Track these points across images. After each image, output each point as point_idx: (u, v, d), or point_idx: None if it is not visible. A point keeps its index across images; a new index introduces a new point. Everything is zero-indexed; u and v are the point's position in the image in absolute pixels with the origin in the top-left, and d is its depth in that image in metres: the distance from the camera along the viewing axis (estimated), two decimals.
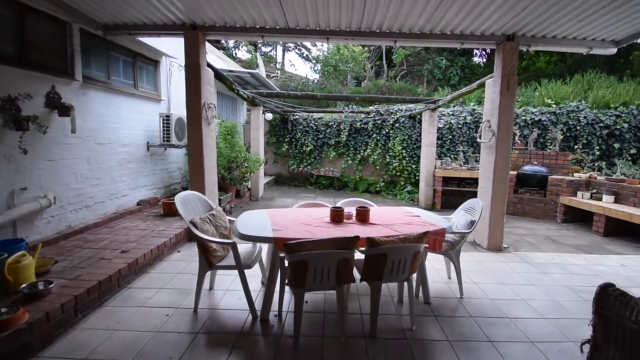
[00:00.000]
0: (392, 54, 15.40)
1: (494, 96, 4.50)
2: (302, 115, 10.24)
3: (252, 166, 6.81)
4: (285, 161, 10.53)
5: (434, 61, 14.46)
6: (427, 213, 3.38)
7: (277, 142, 10.50)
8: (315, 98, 6.97)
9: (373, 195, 9.30)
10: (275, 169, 10.79)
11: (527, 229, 6.03)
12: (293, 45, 24.32)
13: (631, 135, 7.70)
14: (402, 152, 9.02)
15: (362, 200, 4.00)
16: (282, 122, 10.37)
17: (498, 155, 4.48)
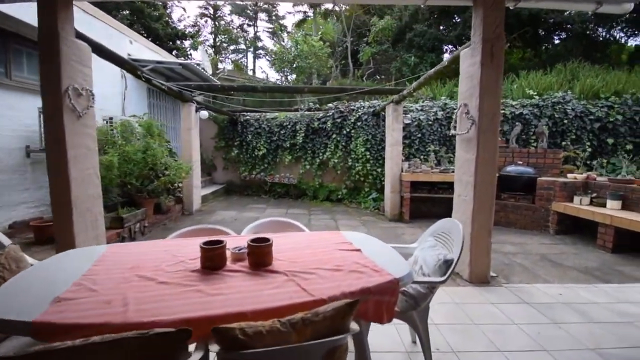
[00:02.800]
0: (358, 52, 14.28)
1: (473, 70, 3.21)
2: (253, 116, 8.80)
3: (175, 174, 5.25)
4: (237, 167, 9.04)
5: (402, 58, 13.41)
6: (374, 244, 1.99)
7: (227, 146, 9.03)
8: (256, 90, 5.63)
9: (334, 204, 7.91)
10: (226, 177, 9.27)
11: (516, 245, 4.79)
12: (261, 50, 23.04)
13: (626, 128, 6.71)
14: (366, 154, 7.70)
15: (287, 221, 2.62)
16: (231, 123, 8.92)
17: (481, 152, 3.17)
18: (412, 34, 14.49)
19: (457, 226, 1.94)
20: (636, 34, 15.48)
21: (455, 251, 1.80)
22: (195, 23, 20.71)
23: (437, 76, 4.38)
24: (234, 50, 24.64)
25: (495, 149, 3.18)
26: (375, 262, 1.56)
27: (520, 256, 4.27)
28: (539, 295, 3.08)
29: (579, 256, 4.32)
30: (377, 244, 1.95)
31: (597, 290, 3.21)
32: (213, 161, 9.26)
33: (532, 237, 5.28)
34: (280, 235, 2.01)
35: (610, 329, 2.50)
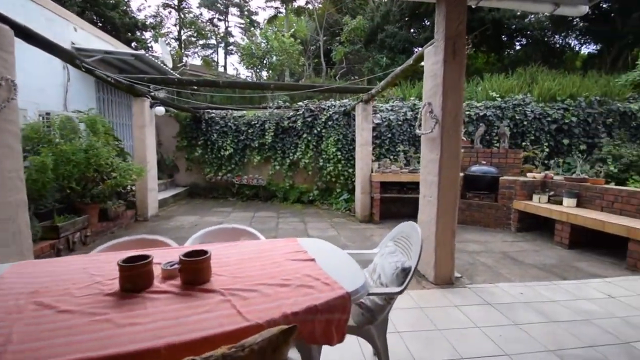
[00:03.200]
0: (331, 51, 14.22)
1: (436, 68, 3.17)
2: (218, 114, 8.43)
3: (122, 177, 4.83)
4: (201, 168, 8.61)
5: (374, 59, 13.50)
6: (330, 252, 1.85)
7: (190, 146, 8.58)
8: (218, 86, 5.32)
9: (305, 206, 7.76)
10: (190, 178, 8.81)
11: (480, 244, 4.85)
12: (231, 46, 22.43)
13: (580, 129, 7.07)
14: (337, 154, 7.61)
15: (239, 228, 2.43)
16: (195, 121, 8.48)
17: (444, 151, 3.13)
18: (383, 34, 14.63)
19: (416, 230, 1.84)
20: (589, 42, 16.52)
21: (414, 257, 1.70)
22: (157, 14, 19.73)
23: (403, 75, 4.34)
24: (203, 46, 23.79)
25: (458, 148, 3.15)
26: (328, 274, 1.42)
27: (484, 255, 4.32)
28: (501, 295, 3.09)
29: (538, 253, 4.44)
30: (333, 252, 1.81)
31: (556, 288, 3.27)
32: (175, 162, 8.74)
33: (495, 234, 5.39)
34: (228, 246, 1.82)
35: (570, 328, 2.52)
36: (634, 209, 4.23)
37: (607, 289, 3.24)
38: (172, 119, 8.60)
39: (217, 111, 8.47)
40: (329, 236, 5.14)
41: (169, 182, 8.46)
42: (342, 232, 5.40)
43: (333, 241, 4.99)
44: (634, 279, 3.50)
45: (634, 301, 2.98)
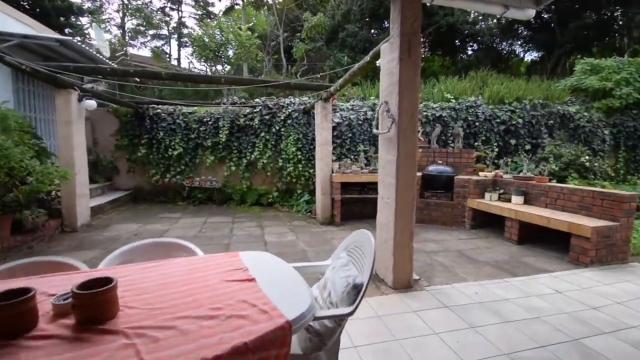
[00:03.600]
0: (291, 48, 13.96)
1: (392, 66, 3.08)
2: (165, 109, 7.80)
3: (40, 181, 4.17)
4: (146, 170, 7.91)
5: (336, 57, 13.46)
6: (275, 268, 1.65)
7: (131, 145, 7.80)
8: (159, 78, 4.82)
9: (264, 209, 7.46)
10: (133, 181, 8.05)
11: (437, 242, 4.91)
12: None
13: (525, 130, 7.49)
14: (297, 154, 7.40)
15: (172, 242, 2.15)
16: (137, 117, 7.74)
17: (401, 152, 3.06)
18: (344, 33, 14.63)
19: (370, 240, 1.70)
20: (532, 49, 17.82)
21: (366, 271, 1.55)
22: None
23: (361, 72, 4.24)
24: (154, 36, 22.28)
25: (415, 148, 3.09)
26: (268, 297, 1.22)
27: (441, 254, 4.35)
28: (458, 296, 3.08)
29: (491, 250, 4.57)
30: (278, 268, 1.61)
31: (508, 286, 3.33)
32: (114, 163, 7.94)
33: (451, 233, 5.50)
34: (153, 266, 1.55)
35: (522, 327, 2.54)
36: (575, 205, 4.50)
37: (554, 284, 3.37)
38: (110, 115, 7.82)
39: (163, 106, 7.83)
40: (287, 241, 4.92)
41: (106, 186, 7.65)
42: (302, 236, 5.21)
43: (291, 246, 4.86)
44: (577, 273, 3.68)
45: (579, 295, 3.11)
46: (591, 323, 2.62)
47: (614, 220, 3.95)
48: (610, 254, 3.93)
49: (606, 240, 3.87)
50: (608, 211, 4.04)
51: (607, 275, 3.61)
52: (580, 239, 3.91)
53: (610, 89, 7.86)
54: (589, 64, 8.56)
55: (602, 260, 3.91)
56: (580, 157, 6.76)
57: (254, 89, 12.22)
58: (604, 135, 7.76)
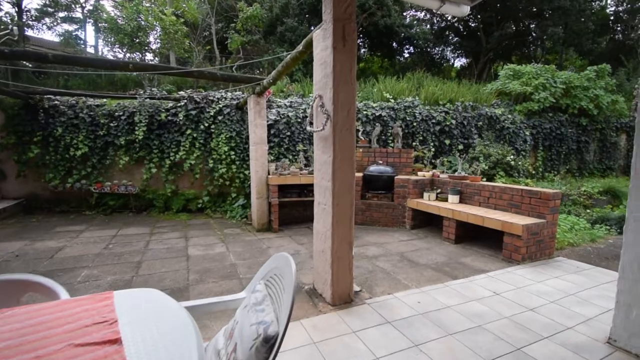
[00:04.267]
0: (225, 39, 13.07)
1: (326, 55, 2.71)
2: (65, 101, 6.56)
3: None
4: (41, 174, 6.57)
5: (275, 52, 12.91)
6: (158, 316, 1.14)
7: (21, 144, 6.42)
8: (46, 61, 3.82)
9: (193, 216, 6.69)
10: (25, 188, 6.62)
11: (379, 246, 4.72)
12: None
13: (458, 131, 7.79)
14: (230, 153, 6.76)
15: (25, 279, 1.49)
16: (28, 110, 6.39)
17: (338, 152, 2.71)
18: (283, 27, 14.13)
19: (290, 266, 1.28)
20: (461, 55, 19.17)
21: (283, 314, 1.13)
22: None
23: (294, 63, 3.83)
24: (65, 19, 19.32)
25: (352, 148, 2.77)
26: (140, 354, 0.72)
27: (383, 259, 4.14)
28: (400, 308, 2.83)
29: (430, 251, 4.49)
30: (165, 315, 1.12)
31: (449, 290, 3.19)
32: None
33: (393, 234, 5.38)
34: None
35: (466, 340, 2.35)
36: (505, 204, 4.62)
37: (492, 285, 3.32)
38: None
39: (63, 98, 6.57)
40: (215, 254, 4.32)
41: None
42: (233, 247, 4.64)
43: (219, 260, 4.25)
44: (511, 271, 3.71)
45: (516, 296, 3.06)
46: (530, 328, 2.53)
47: (541, 218, 4.09)
48: (539, 250, 4.07)
49: (535, 237, 3.99)
50: (535, 209, 4.19)
51: (538, 272, 3.69)
52: (512, 237, 3.98)
53: (530, 93, 8.56)
54: (511, 70, 9.25)
55: (532, 256, 4.02)
56: (506, 156, 7.20)
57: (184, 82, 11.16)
58: (525, 136, 8.42)
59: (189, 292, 3.18)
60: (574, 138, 9.19)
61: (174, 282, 3.44)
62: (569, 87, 8.81)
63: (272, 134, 6.87)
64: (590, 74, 9.16)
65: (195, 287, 3.31)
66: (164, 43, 9.06)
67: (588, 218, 5.86)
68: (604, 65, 9.42)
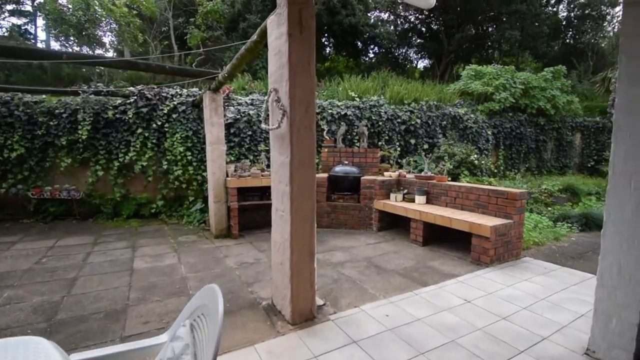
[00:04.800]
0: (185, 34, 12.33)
1: (280, 43, 2.39)
2: None
3: None
4: None
5: (237, 48, 12.35)
6: None
7: None
8: None
9: (146, 222, 6.09)
10: None
11: (345, 250, 4.47)
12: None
13: (423, 131, 7.76)
14: (187, 154, 6.24)
15: None
16: None
17: (295, 152, 2.39)
18: (246, 24, 13.58)
19: (216, 303, 0.96)
20: (424, 57, 19.57)
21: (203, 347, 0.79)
22: None
23: (250, 55, 3.46)
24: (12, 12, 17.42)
25: (312, 148, 2.47)
26: None
27: (349, 266, 3.89)
28: (367, 323, 2.57)
29: (398, 255, 4.31)
30: None
31: (419, 300, 2.99)
32: None
33: (359, 237, 5.16)
34: None
35: (438, 358, 2.13)
36: (472, 204, 4.55)
37: (462, 292, 3.16)
38: None
39: None
40: (164, 266, 3.85)
41: None
42: (186, 257, 4.18)
43: (168, 274, 3.62)
44: (480, 275, 3.60)
45: (487, 304, 2.92)
46: (505, 340, 2.37)
47: (508, 218, 4.04)
48: (507, 251, 4.01)
49: (503, 238, 3.92)
50: (502, 209, 4.13)
51: (507, 274, 3.61)
52: (481, 238, 3.88)
53: (491, 94, 8.75)
54: (473, 70, 9.43)
55: (500, 258, 3.95)
56: (470, 155, 7.26)
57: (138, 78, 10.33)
58: (488, 135, 8.59)
59: (127, 315, 2.73)
60: (533, 137, 9.55)
61: (111, 302, 2.96)
62: (528, 88, 9.12)
63: (232, 133, 6.43)
64: (547, 75, 9.56)
65: (135, 308, 2.86)
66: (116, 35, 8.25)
67: (550, 216, 5.99)
68: (559, 67, 9.88)
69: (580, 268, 3.87)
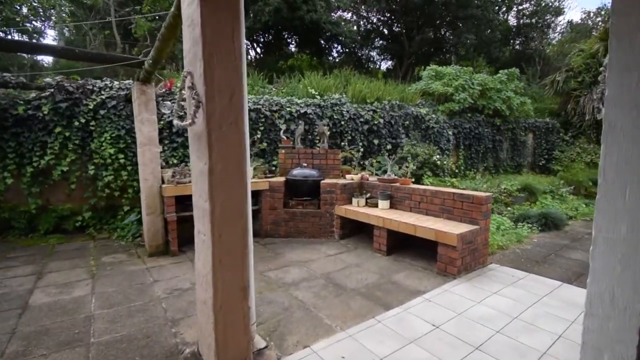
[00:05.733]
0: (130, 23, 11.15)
1: (192, 11, 1.79)
2: None
3: None
4: None
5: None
6: None
7: None
8: None
9: (69, 238, 5.16)
10: None
11: (302, 265, 3.94)
12: None
13: (386, 131, 7.43)
14: (119, 157, 5.38)
15: None
16: None
17: (216, 157, 1.81)
18: None
19: None
20: (387, 58, 19.61)
21: None
22: None
23: (170, 33, 2.80)
24: None
25: (241, 152, 1.90)
26: None
27: (304, 286, 3.36)
28: None
29: (361, 268, 3.85)
30: None
31: (381, 329, 2.52)
32: None
33: (319, 247, 4.66)
34: None
35: None
36: (437, 209, 4.20)
37: (430, 313, 2.74)
38: None
39: None
40: (70, 300, 3.07)
41: None
42: (104, 286, 3.41)
43: (73, 309, 2.62)
44: (447, 290, 3.22)
45: (457, 329, 2.51)
46: None
47: (474, 224, 3.72)
48: (474, 259, 3.69)
49: (470, 246, 3.59)
50: (468, 214, 3.81)
51: (476, 287, 3.26)
52: (447, 247, 3.52)
53: (451, 94, 8.65)
54: (433, 70, 9.31)
55: (467, 267, 3.62)
56: (433, 156, 7.03)
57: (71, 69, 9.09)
58: (449, 135, 8.48)
59: None
60: (490, 137, 9.62)
61: None
62: (485, 89, 9.16)
63: (174, 133, 5.67)
64: (502, 77, 9.68)
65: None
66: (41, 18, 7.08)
67: (510, 216, 5.87)
68: (513, 70, 10.07)
69: (546, 274, 3.65)
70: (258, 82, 8.06)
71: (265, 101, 6.60)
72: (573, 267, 3.89)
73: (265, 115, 6.45)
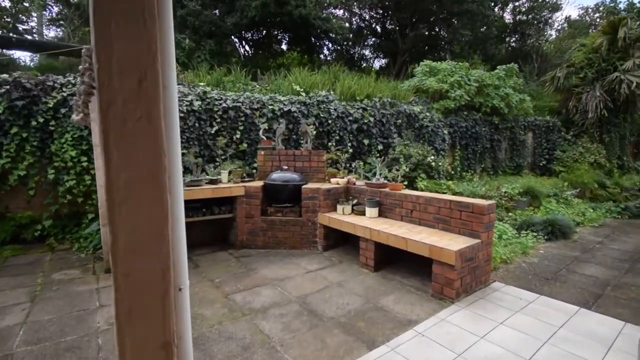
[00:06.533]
0: None
1: None
2: None
3: None
4: None
5: (176, 39, 10.85)
6: None
7: None
8: None
9: (28, 248, 4.62)
10: None
11: (275, 285, 3.43)
12: None
13: (377, 130, 6.94)
14: (81, 160, 4.83)
15: None
16: None
17: (117, 165, 1.26)
18: (184, 11, 12.12)
19: None
20: (380, 56, 19.14)
21: None
22: None
23: None
24: None
25: (157, 157, 1.36)
26: None
27: (274, 314, 2.84)
28: None
29: (343, 288, 3.35)
30: None
31: None
32: None
33: (299, 261, 4.16)
34: None
35: None
36: (431, 218, 3.71)
37: (423, 356, 2.24)
38: None
39: None
40: None
41: None
42: (41, 311, 2.87)
43: None
44: (445, 319, 2.72)
45: None
46: None
47: (475, 237, 3.23)
48: (474, 279, 3.20)
49: (470, 263, 3.09)
50: (467, 225, 3.32)
51: (478, 314, 2.76)
52: (444, 266, 3.02)
53: (446, 91, 8.18)
54: (427, 66, 8.85)
55: (467, 289, 3.12)
56: (427, 157, 6.56)
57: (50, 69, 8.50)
58: (444, 134, 8.01)
59: None
60: (488, 137, 9.17)
61: None
62: (482, 86, 8.70)
63: None
64: (500, 73, 9.23)
65: None
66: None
67: (512, 223, 5.40)
68: (511, 65, 9.62)
69: (559, 295, 3.17)
70: (241, 79, 7.53)
71: (246, 98, 6.09)
72: (589, 286, 3.41)
73: (245, 114, 5.95)
